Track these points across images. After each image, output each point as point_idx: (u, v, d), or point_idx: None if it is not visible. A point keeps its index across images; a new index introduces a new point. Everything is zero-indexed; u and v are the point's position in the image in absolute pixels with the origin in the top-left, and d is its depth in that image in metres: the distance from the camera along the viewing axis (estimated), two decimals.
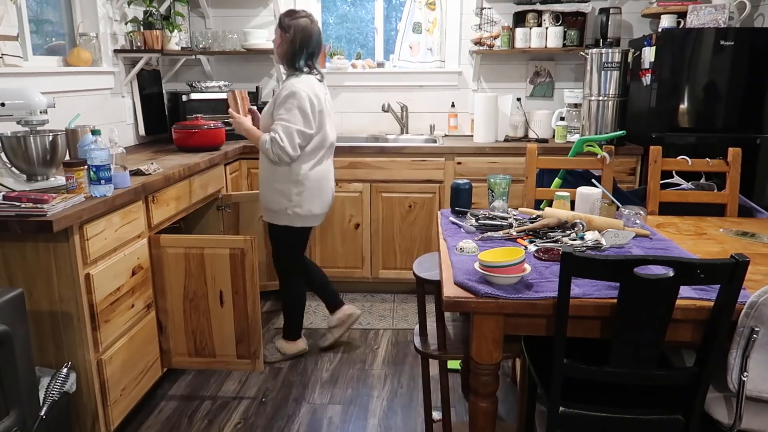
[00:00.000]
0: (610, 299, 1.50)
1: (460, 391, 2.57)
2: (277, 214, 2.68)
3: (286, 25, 2.56)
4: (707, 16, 3.23)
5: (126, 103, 3.47)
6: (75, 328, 1.97)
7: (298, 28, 2.55)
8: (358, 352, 2.98)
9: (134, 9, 3.46)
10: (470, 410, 1.72)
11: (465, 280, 1.61)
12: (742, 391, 1.50)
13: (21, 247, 1.89)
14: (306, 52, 2.59)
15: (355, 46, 4.31)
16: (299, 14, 2.58)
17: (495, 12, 3.84)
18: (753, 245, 1.99)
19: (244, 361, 2.51)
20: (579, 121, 3.60)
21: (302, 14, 2.58)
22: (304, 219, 2.69)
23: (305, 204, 2.65)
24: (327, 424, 2.39)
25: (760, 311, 1.43)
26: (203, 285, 2.43)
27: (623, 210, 2.11)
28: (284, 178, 2.62)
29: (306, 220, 2.70)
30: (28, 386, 1.69)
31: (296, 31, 2.55)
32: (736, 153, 2.47)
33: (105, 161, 2.03)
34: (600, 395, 1.64)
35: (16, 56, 2.55)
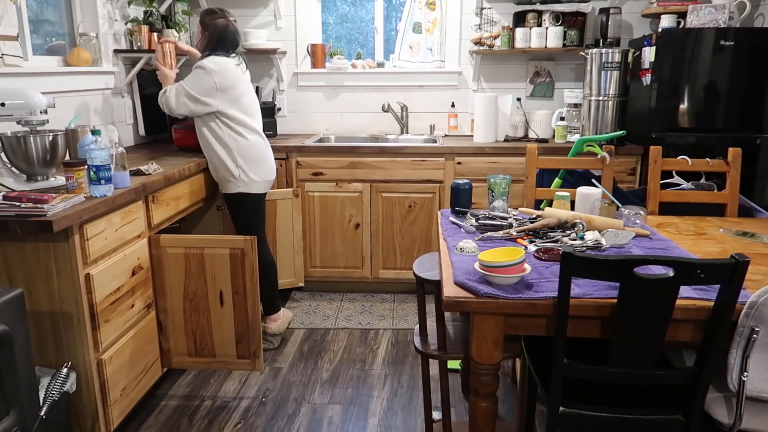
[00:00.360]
0: (610, 299, 1.50)
1: (460, 391, 2.57)
2: (229, 183, 2.87)
3: (206, 24, 2.82)
4: (707, 16, 3.23)
5: (126, 103, 3.47)
6: (75, 328, 1.97)
7: (216, 28, 2.81)
8: (358, 352, 2.98)
9: (134, 9, 3.45)
10: (470, 410, 1.72)
11: (465, 280, 1.61)
12: (742, 391, 1.50)
13: (21, 247, 1.89)
14: (222, 49, 2.83)
15: (355, 46, 4.31)
16: (217, 15, 2.83)
17: (495, 12, 3.84)
18: (753, 245, 1.99)
19: (244, 361, 2.51)
20: (579, 121, 3.60)
21: (219, 15, 2.83)
22: (249, 186, 2.87)
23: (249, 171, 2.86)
24: (327, 424, 2.39)
25: (760, 311, 1.43)
26: (203, 285, 2.43)
27: (623, 210, 2.11)
28: (223, 152, 2.82)
29: (250, 186, 2.88)
30: (28, 386, 1.69)
31: (213, 30, 2.81)
32: (736, 153, 2.47)
33: (105, 161, 2.03)
34: (600, 395, 1.64)
35: (16, 56, 2.55)
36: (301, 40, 4.01)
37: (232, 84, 2.78)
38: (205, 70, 2.72)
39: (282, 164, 3.51)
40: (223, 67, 2.76)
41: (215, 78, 2.72)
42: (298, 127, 4.13)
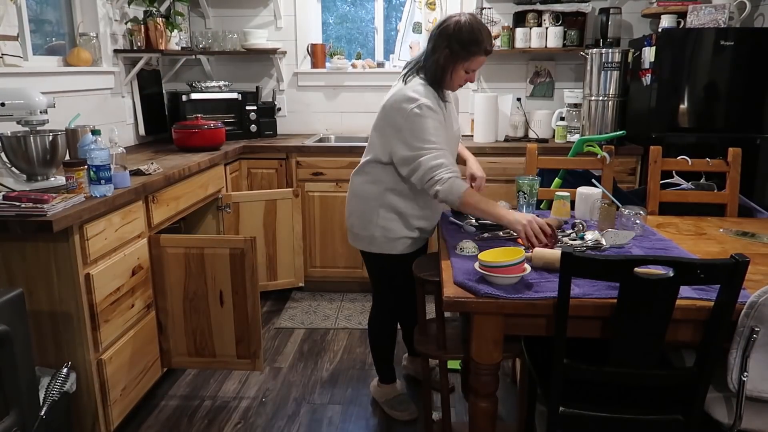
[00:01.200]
0: (610, 299, 1.50)
1: (460, 391, 2.57)
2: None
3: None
4: (707, 16, 3.23)
5: (126, 103, 3.47)
6: (75, 328, 1.97)
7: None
8: (358, 352, 2.98)
9: (134, 9, 3.45)
10: (470, 410, 1.72)
11: (465, 280, 1.61)
12: (742, 391, 1.50)
13: (21, 247, 1.89)
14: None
15: (355, 46, 4.31)
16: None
17: (495, 12, 3.83)
18: (753, 245, 1.99)
19: (244, 361, 2.50)
20: (579, 121, 3.60)
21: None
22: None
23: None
24: (327, 424, 2.39)
25: (760, 311, 1.43)
26: (203, 285, 2.43)
27: (623, 210, 2.11)
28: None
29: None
30: (28, 386, 1.69)
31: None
32: (736, 153, 2.47)
33: (105, 161, 2.03)
34: (600, 395, 1.64)
35: (16, 56, 2.55)
36: (301, 40, 4.01)
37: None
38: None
39: (282, 164, 3.51)
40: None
41: None
42: (298, 127, 4.12)
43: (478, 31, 2.00)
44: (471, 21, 2.02)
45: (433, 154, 1.99)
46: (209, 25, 3.98)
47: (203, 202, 2.95)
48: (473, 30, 2.00)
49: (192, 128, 3.17)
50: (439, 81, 2.08)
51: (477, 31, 2.00)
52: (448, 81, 2.08)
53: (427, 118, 2.00)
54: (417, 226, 2.21)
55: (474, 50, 2.01)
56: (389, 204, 2.17)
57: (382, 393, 2.50)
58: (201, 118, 3.28)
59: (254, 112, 3.75)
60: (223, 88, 3.76)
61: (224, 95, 3.72)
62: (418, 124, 2.00)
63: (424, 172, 2.00)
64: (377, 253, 2.24)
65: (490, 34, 2.06)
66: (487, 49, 2.03)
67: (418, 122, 2.00)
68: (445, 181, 1.97)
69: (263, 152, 3.52)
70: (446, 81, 2.08)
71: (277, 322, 3.32)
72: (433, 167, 1.98)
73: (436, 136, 2.01)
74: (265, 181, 3.54)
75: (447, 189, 1.97)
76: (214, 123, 3.25)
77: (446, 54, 2.03)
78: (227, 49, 3.82)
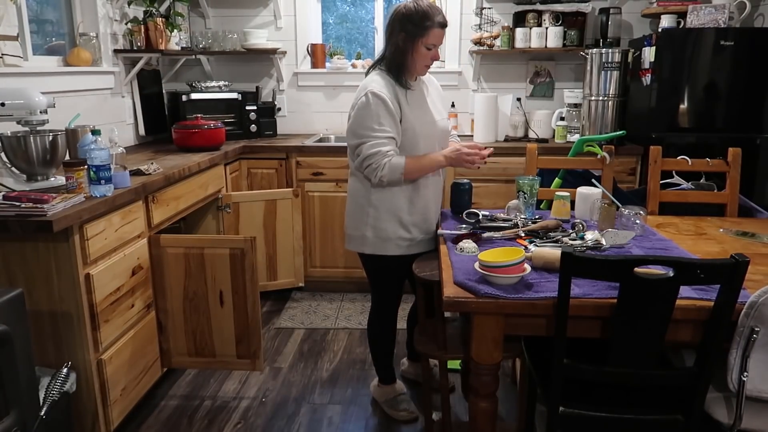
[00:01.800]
0: (610, 299, 1.50)
1: (460, 391, 2.57)
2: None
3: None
4: (707, 16, 3.23)
5: (126, 103, 3.47)
6: (75, 328, 1.97)
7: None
8: (358, 352, 2.98)
9: (134, 9, 3.45)
10: (470, 410, 1.72)
11: (465, 280, 1.61)
12: (742, 391, 1.50)
13: (21, 247, 1.89)
14: None
15: (355, 46, 4.31)
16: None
17: (495, 12, 3.83)
18: (753, 245, 1.99)
19: (244, 361, 2.50)
20: (579, 121, 3.60)
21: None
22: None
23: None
24: (327, 424, 2.39)
25: (760, 311, 1.43)
26: (203, 285, 2.43)
27: (623, 210, 2.11)
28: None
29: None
30: (28, 386, 1.69)
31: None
32: (736, 153, 2.47)
33: (105, 161, 2.03)
34: (600, 395, 1.64)
35: (16, 56, 2.55)
36: (301, 40, 4.01)
37: None
38: None
39: (282, 164, 3.51)
40: None
41: None
42: (298, 127, 4.12)
43: (428, 7, 2.08)
44: (418, 1, 2.10)
45: (371, 142, 2.05)
46: (209, 25, 3.98)
47: (203, 202, 2.95)
48: (420, 7, 2.08)
49: (192, 128, 3.17)
50: (400, 65, 2.13)
51: (426, 8, 2.08)
52: (411, 63, 2.12)
53: (371, 106, 2.06)
54: (411, 222, 2.19)
55: (428, 24, 2.07)
56: (378, 201, 2.18)
57: (382, 393, 2.50)
58: (201, 118, 3.28)
59: (254, 112, 3.75)
60: (223, 88, 3.76)
61: (224, 95, 3.72)
62: (361, 112, 2.07)
63: (362, 161, 2.09)
64: (369, 254, 2.24)
65: (440, 10, 2.13)
66: (440, 21, 2.09)
67: (363, 111, 2.07)
68: (384, 165, 2.05)
69: (263, 152, 3.52)
70: (409, 63, 2.12)
71: (277, 322, 3.32)
72: (371, 155, 2.05)
73: (379, 124, 2.05)
74: (265, 181, 3.54)
75: (388, 171, 2.06)
76: (214, 123, 3.25)
77: (402, 36, 2.09)
78: (227, 49, 3.82)
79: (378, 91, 2.06)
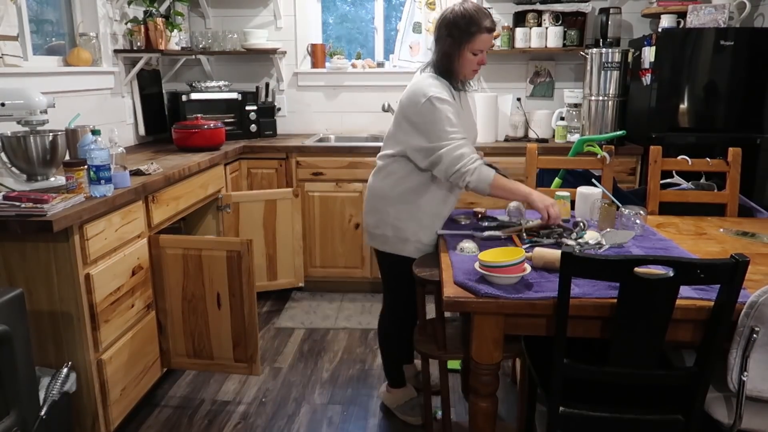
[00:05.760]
0: (610, 299, 1.50)
1: (460, 391, 2.57)
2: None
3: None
4: (707, 16, 3.23)
5: (126, 103, 3.47)
6: (75, 328, 1.97)
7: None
8: (358, 352, 2.98)
9: (134, 9, 3.45)
10: (470, 410, 1.72)
11: (465, 280, 1.61)
12: (742, 391, 1.50)
13: (21, 247, 1.89)
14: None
15: (355, 46, 4.31)
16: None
17: (495, 12, 3.83)
18: (753, 245, 1.99)
19: (241, 364, 2.48)
20: (579, 121, 3.60)
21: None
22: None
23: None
24: (327, 424, 2.39)
25: (760, 311, 1.43)
26: (201, 287, 2.42)
27: (623, 210, 2.11)
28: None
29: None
30: (28, 386, 1.69)
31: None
32: (736, 153, 2.47)
33: (105, 161, 2.03)
34: (600, 395, 1.64)
35: (16, 56, 2.55)
36: (301, 40, 4.01)
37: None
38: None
39: (282, 164, 3.51)
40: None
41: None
42: (298, 127, 4.12)
43: (475, 12, 2.05)
44: (465, 5, 2.07)
45: (453, 144, 2.02)
46: (209, 25, 3.98)
47: (203, 202, 2.95)
48: (468, 12, 2.05)
49: (192, 128, 3.17)
50: (448, 70, 2.10)
51: (474, 12, 2.05)
52: (458, 67, 2.10)
53: (440, 109, 2.02)
54: (430, 226, 2.17)
55: (474, 30, 2.04)
56: (402, 197, 2.16)
57: (393, 398, 2.45)
58: (201, 118, 3.28)
59: (254, 112, 3.75)
60: (223, 88, 3.76)
61: (224, 95, 3.72)
62: (433, 115, 2.03)
63: (448, 164, 2.02)
64: (389, 253, 2.23)
65: (489, 14, 2.09)
66: (487, 26, 2.06)
67: (433, 113, 2.02)
68: (474, 171, 2.01)
69: (263, 152, 3.52)
70: (456, 68, 2.10)
71: (277, 322, 3.32)
72: (457, 158, 2.01)
73: (452, 125, 2.03)
74: (265, 181, 3.54)
75: (476, 178, 2.02)
76: (214, 123, 3.25)
77: (449, 42, 2.07)
78: (227, 49, 3.82)
79: (439, 94, 2.03)
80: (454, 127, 2.03)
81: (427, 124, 2.03)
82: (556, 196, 2.25)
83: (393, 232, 2.19)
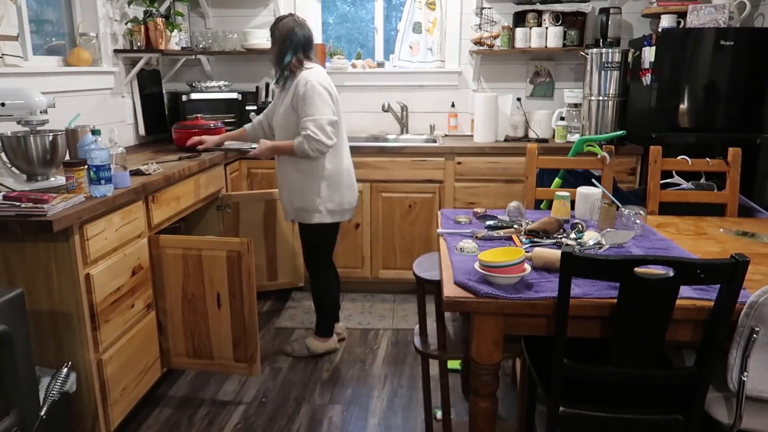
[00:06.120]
0: (610, 299, 1.50)
1: (460, 391, 2.57)
2: (308, 213, 2.73)
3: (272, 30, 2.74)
4: (707, 16, 3.23)
5: (126, 103, 3.46)
6: (75, 328, 1.97)
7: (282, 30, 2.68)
8: (358, 352, 2.98)
9: (134, 9, 3.45)
10: (470, 410, 1.72)
11: (465, 280, 1.61)
12: (742, 391, 1.50)
13: (21, 247, 1.89)
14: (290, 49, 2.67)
15: (355, 46, 4.31)
16: (283, 18, 2.73)
17: (495, 12, 3.83)
18: (753, 245, 1.99)
19: (240, 365, 2.48)
20: (579, 121, 3.60)
21: (285, 17, 2.73)
22: (334, 214, 2.76)
23: (335, 198, 2.73)
24: (327, 424, 2.39)
25: (760, 311, 1.43)
26: (201, 287, 2.42)
27: (623, 210, 2.11)
28: (310, 176, 2.69)
29: (336, 215, 2.77)
30: (28, 386, 1.69)
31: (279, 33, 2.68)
32: (736, 153, 2.47)
33: (105, 161, 2.03)
34: (600, 395, 1.64)
35: (16, 56, 2.55)
36: None
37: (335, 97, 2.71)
38: (317, 88, 2.58)
39: None
40: (327, 79, 2.69)
41: (326, 92, 2.62)
42: None
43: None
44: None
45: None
46: (209, 25, 3.98)
47: (203, 202, 2.95)
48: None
49: (192, 128, 3.17)
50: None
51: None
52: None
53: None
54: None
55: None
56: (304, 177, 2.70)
57: (323, 346, 2.93)
58: (201, 118, 3.27)
59: (254, 112, 3.74)
60: (223, 88, 3.76)
61: (224, 95, 3.72)
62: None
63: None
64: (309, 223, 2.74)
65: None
66: None
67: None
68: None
69: None
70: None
71: (277, 322, 3.32)
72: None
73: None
74: (265, 181, 3.54)
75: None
76: (214, 123, 3.25)
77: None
78: (227, 49, 3.82)
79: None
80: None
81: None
82: (556, 196, 2.25)
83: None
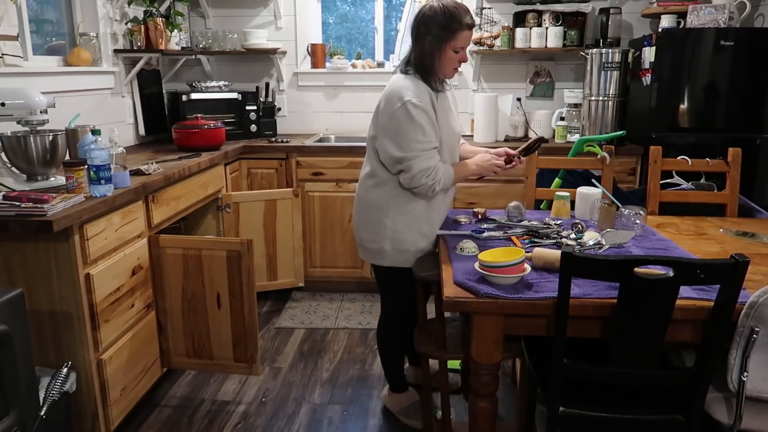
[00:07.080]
0: (610, 299, 1.50)
1: (461, 392, 2.57)
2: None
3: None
4: (707, 16, 3.23)
5: (126, 103, 3.46)
6: (75, 328, 1.97)
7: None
8: (358, 352, 2.98)
9: (134, 9, 3.45)
10: (470, 410, 1.72)
11: (465, 280, 1.61)
12: (742, 391, 1.50)
13: (21, 247, 1.89)
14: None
15: (355, 46, 4.31)
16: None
17: (495, 12, 3.83)
18: (753, 245, 1.99)
19: (241, 364, 2.48)
20: (579, 121, 3.60)
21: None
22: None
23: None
24: (327, 424, 2.39)
25: (760, 311, 1.43)
26: (201, 287, 2.42)
27: (623, 210, 2.11)
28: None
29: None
30: (28, 386, 1.69)
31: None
32: (736, 153, 2.47)
33: (105, 161, 2.03)
34: (600, 395, 1.64)
35: (16, 56, 2.55)
36: (301, 40, 4.01)
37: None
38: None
39: (282, 164, 3.51)
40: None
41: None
42: (298, 127, 4.12)
43: (454, 9, 1.99)
44: (444, 1, 2.01)
45: (421, 156, 2.00)
46: (209, 25, 3.98)
47: (203, 202, 2.95)
48: (448, 9, 1.99)
49: (192, 128, 3.17)
50: (429, 69, 2.05)
51: (453, 9, 1.99)
52: (439, 66, 2.04)
53: (413, 117, 1.98)
54: (429, 233, 2.13)
55: (455, 27, 1.99)
56: (396, 212, 2.10)
57: (396, 402, 2.42)
58: (201, 118, 3.28)
59: (254, 112, 3.75)
60: (223, 88, 3.76)
61: (224, 95, 3.72)
62: (404, 124, 1.99)
63: (414, 176, 2.00)
64: (388, 267, 2.18)
65: (467, 9, 2.04)
66: (468, 23, 2.00)
67: (405, 123, 1.99)
68: (440, 180, 2.04)
69: (263, 152, 3.52)
70: (437, 67, 2.04)
71: (277, 322, 3.32)
72: (423, 171, 2.00)
73: (424, 134, 2.00)
74: (265, 181, 3.54)
75: (443, 184, 2.06)
76: (214, 123, 3.25)
77: (429, 40, 2.01)
78: (227, 49, 3.82)
79: (416, 100, 1.97)
80: (425, 136, 2.00)
81: (400, 131, 2.00)
82: (556, 196, 2.25)
83: (391, 245, 2.12)
